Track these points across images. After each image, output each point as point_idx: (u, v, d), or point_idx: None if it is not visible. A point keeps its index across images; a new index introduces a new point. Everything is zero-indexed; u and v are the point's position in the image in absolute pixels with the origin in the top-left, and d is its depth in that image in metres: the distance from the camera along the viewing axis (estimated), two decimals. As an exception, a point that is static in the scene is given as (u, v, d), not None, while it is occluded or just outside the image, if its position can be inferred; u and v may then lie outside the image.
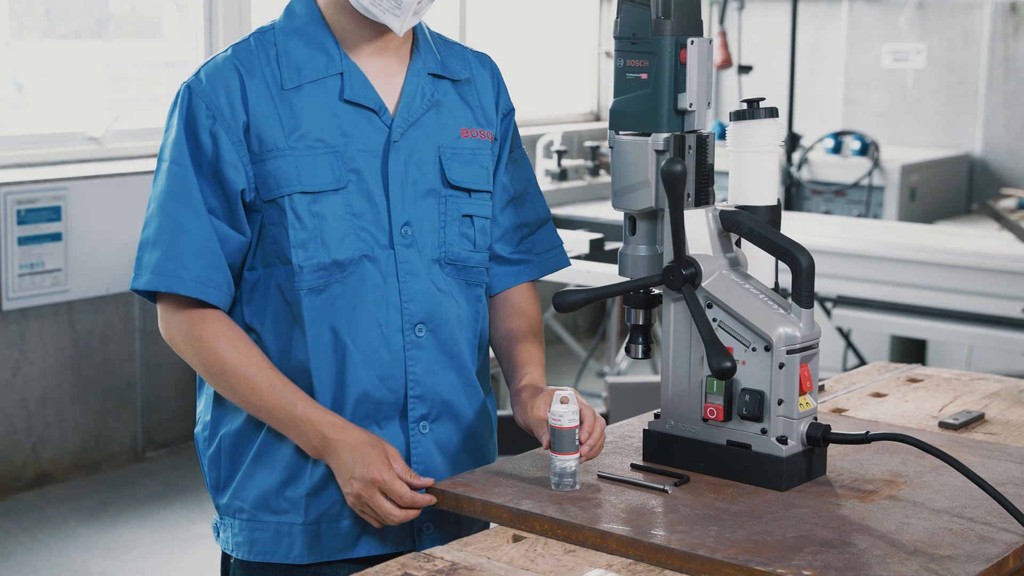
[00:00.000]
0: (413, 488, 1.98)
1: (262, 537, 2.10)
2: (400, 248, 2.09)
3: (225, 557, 2.19)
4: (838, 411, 2.42)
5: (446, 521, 2.12)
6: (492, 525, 1.95)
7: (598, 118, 7.95)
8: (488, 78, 2.25)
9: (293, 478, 2.08)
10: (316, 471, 2.08)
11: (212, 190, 2.04)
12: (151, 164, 5.26)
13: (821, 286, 5.02)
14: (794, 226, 5.14)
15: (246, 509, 2.11)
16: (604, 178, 6.45)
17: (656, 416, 2.08)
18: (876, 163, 6.65)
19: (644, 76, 2.00)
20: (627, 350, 2.14)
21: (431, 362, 2.11)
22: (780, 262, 2.01)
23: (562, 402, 1.96)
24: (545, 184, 6.30)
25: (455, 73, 2.19)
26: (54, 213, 4.89)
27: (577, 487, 1.96)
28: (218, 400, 2.13)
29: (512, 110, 2.28)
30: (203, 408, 2.17)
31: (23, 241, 4.82)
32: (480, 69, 2.24)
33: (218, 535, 2.18)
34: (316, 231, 2.04)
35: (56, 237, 4.91)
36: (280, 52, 2.08)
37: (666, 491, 1.94)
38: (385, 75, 2.12)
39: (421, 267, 2.11)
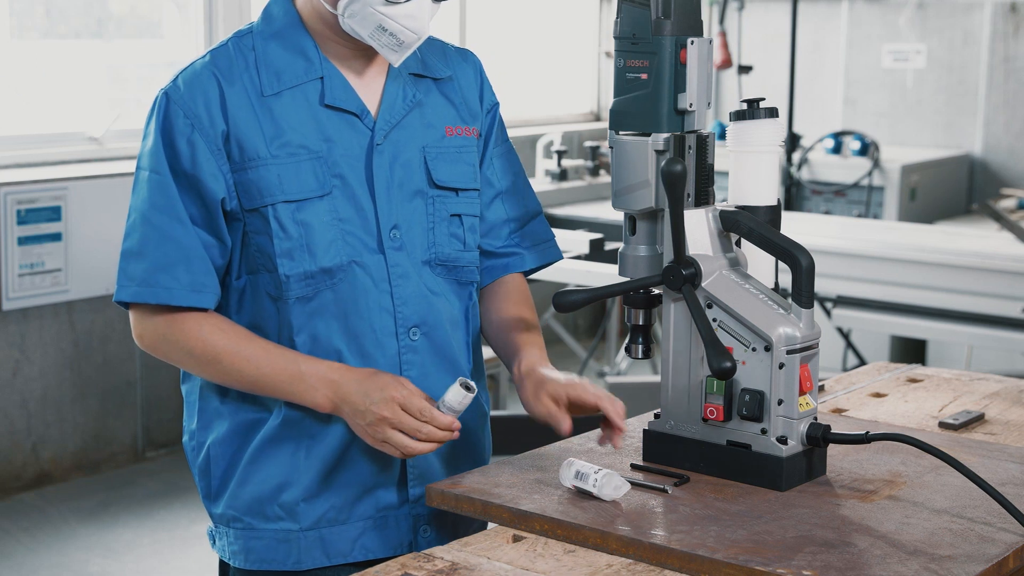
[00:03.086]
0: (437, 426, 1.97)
1: (258, 545, 2.09)
2: (390, 252, 2.07)
3: (223, 564, 2.18)
4: (838, 411, 2.41)
5: (444, 522, 2.12)
6: (490, 525, 1.95)
7: (598, 118, 7.95)
8: (471, 73, 2.23)
9: (287, 485, 2.07)
10: (309, 476, 2.07)
11: (191, 199, 2.02)
12: (151, 164, 5.26)
13: (821, 286, 5.02)
14: (794, 226, 5.14)
15: (240, 518, 2.09)
16: (604, 178, 6.45)
17: (656, 416, 2.08)
18: (876, 163, 6.65)
19: (644, 76, 2.00)
20: (627, 350, 2.14)
21: (426, 365, 2.10)
22: (780, 262, 2.01)
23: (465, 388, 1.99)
24: (545, 184, 6.31)
25: (436, 71, 2.17)
26: (54, 213, 4.89)
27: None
28: (203, 409, 2.11)
29: (496, 104, 2.26)
30: (188, 417, 2.15)
31: (23, 241, 4.82)
32: (462, 64, 2.22)
33: (214, 542, 2.16)
34: (301, 239, 2.02)
35: (56, 237, 4.91)
36: (259, 57, 2.05)
37: (666, 491, 1.94)
38: (365, 77, 2.10)
39: (412, 270, 2.09)
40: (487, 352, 3.41)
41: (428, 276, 2.11)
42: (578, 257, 5.24)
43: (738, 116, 2.07)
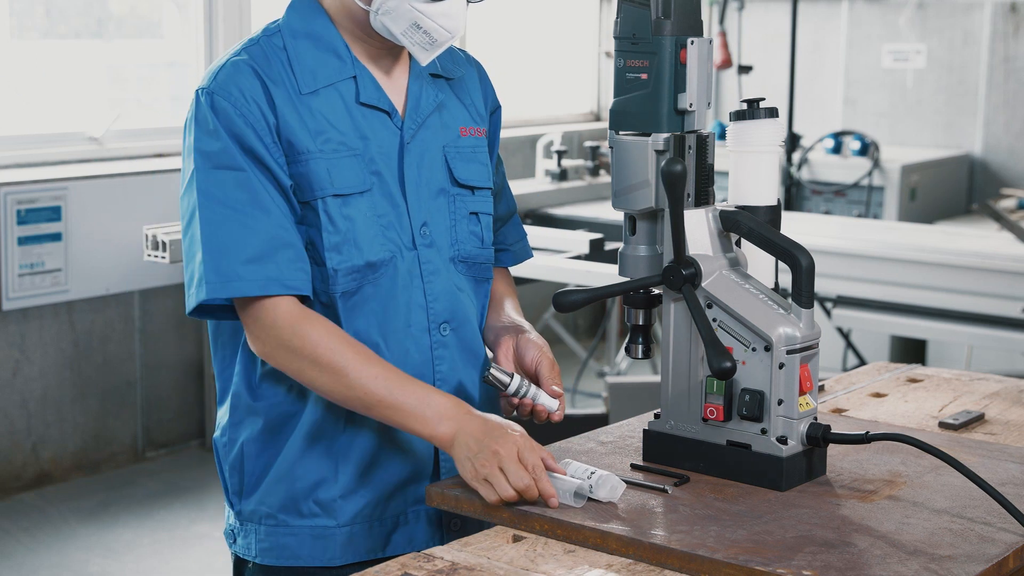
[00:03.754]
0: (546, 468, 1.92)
1: (291, 542, 2.09)
2: (422, 248, 2.09)
3: (238, 563, 2.17)
4: (838, 411, 2.42)
5: (471, 522, 2.12)
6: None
7: (598, 118, 7.95)
8: (475, 75, 2.26)
9: (324, 481, 2.07)
10: (347, 473, 2.07)
11: (273, 188, 2.00)
12: (151, 164, 5.26)
13: (821, 286, 5.02)
14: (794, 226, 5.14)
15: (274, 514, 2.09)
16: (604, 178, 6.45)
17: (656, 416, 2.08)
18: (876, 163, 6.65)
19: (644, 76, 2.00)
20: (627, 350, 2.14)
21: (455, 360, 2.12)
22: (780, 262, 2.01)
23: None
24: (545, 184, 6.31)
25: (450, 72, 2.20)
26: (54, 213, 4.89)
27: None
28: (235, 406, 2.11)
29: (499, 108, 2.29)
30: (223, 412, 2.15)
31: (23, 241, 4.82)
32: (467, 66, 2.25)
33: (234, 540, 2.15)
34: (349, 233, 2.03)
35: (56, 237, 4.91)
36: (291, 56, 2.05)
37: (666, 491, 1.94)
38: (388, 77, 2.13)
39: (441, 266, 2.12)
40: (489, 353, 3.41)
41: (454, 273, 2.14)
42: (578, 257, 5.23)
43: (738, 116, 2.07)
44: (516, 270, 2.61)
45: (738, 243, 2.05)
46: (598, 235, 5.41)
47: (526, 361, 2.12)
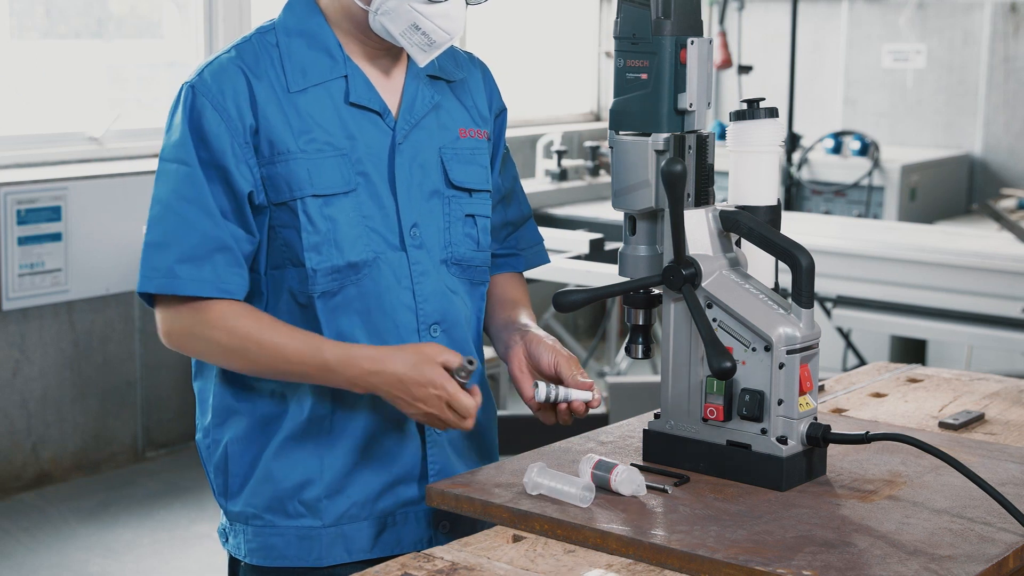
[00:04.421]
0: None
1: (279, 542, 2.09)
2: (411, 249, 2.09)
3: (233, 561, 2.17)
4: (838, 411, 2.42)
5: (462, 519, 2.12)
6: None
7: (598, 118, 7.95)
8: (479, 77, 2.25)
9: (309, 482, 2.07)
10: (332, 473, 2.07)
11: (220, 190, 2.01)
12: (151, 164, 5.26)
13: (821, 286, 5.02)
14: (794, 226, 5.14)
15: (260, 515, 2.09)
16: (604, 178, 6.45)
17: (656, 416, 2.08)
18: (876, 163, 6.65)
19: (644, 76, 2.00)
20: (627, 350, 2.14)
21: None
22: (780, 262, 2.01)
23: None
24: (545, 184, 6.31)
25: (450, 74, 2.19)
26: (54, 213, 4.89)
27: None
28: (217, 406, 2.11)
29: (504, 110, 2.29)
30: (201, 414, 2.14)
31: (23, 241, 4.82)
32: (471, 68, 2.25)
33: (226, 540, 2.15)
34: (329, 234, 2.03)
35: (56, 237, 4.91)
36: (283, 54, 2.06)
37: (666, 491, 1.94)
38: (384, 77, 2.12)
39: (431, 268, 2.11)
40: (488, 352, 3.41)
41: (445, 275, 2.13)
42: (578, 257, 5.24)
43: (738, 116, 2.07)
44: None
45: (738, 243, 2.05)
46: (598, 235, 5.42)
47: (543, 365, 2.10)
